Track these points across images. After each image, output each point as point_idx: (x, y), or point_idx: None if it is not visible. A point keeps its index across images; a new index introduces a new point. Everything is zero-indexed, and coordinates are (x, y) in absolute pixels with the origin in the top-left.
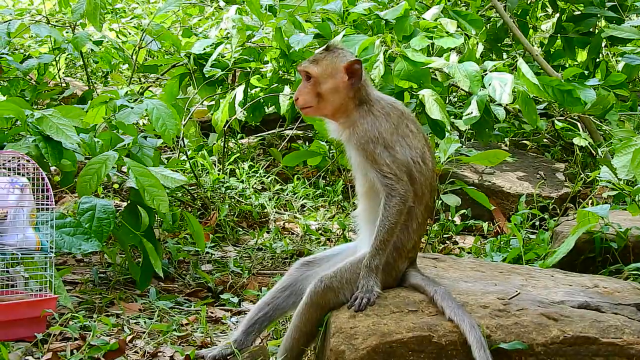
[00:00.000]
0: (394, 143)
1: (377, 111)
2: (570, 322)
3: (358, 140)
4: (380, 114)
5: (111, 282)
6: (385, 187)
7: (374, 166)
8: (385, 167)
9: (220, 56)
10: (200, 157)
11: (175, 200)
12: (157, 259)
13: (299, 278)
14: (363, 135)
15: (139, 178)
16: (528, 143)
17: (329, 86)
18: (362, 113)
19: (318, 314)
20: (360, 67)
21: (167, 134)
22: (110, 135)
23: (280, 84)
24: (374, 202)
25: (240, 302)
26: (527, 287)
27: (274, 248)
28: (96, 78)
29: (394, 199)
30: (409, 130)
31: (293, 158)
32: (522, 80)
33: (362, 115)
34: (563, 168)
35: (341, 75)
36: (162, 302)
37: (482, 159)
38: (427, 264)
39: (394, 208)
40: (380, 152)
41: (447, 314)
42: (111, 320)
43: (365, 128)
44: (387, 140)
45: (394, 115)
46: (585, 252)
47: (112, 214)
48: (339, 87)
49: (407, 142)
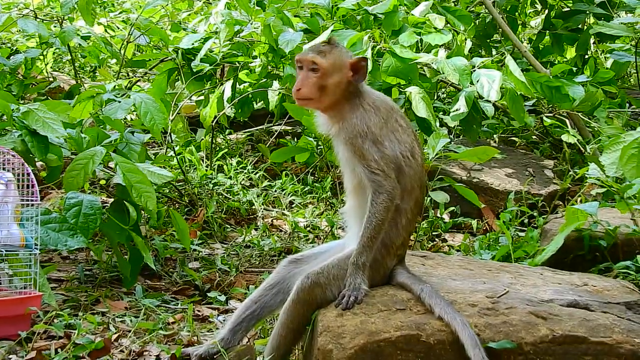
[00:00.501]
0: (383, 138)
1: (367, 105)
2: (560, 321)
3: (347, 135)
4: (369, 108)
5: (97, 279)
6: (372, 183)
7: (361, 162)
8: (373, 162)
9: (209, 51)
10: (187, 153)
11: (162, 197)
12: (147, 252)
13: (286, 276)
14: (352, 130)
15: (127, 174)
16: (517, 140)
17: (334, 80)
18: (352, 107)
19: (305, 311)
20: (366, 65)
21: (156, 128)
22: (97, 130)
23: (269, 79)
24: (362, 198)
25: (228, 300)
26: (515, 286)
27: (261, 245)
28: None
29: (382, 196)
30: (398, 125)
31: (281, 154)
32: (510, 77)
33: (352, 109)
34: (552, 165)
35: (346, 71)
36: (148, 300)
37: (471, 156)
38: (416, 261)
39: (381, 205)
40: (369, 148)
41: (437, 312)
42: (96, 319)
43: (354, 122)
44: (376, 134)
45: (383, 109)
46: (574, 250)
47: (98, 210)
48: (342, 82)
49: (396, 137)
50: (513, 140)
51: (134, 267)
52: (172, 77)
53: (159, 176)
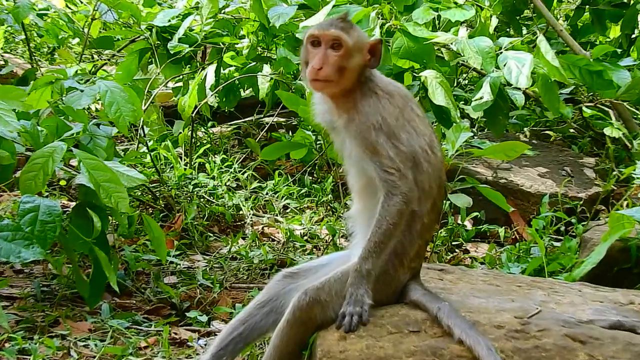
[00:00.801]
0: (399, 130)
1: (380, 90)
2: (601, 346)
3: (358, 127)
4: (383, 95)
5: (56, 297)
6: (385, 183)
7: (373, 159)
8: (387, 160)
9: (188, 29)
10: (163, 149)
11: (133, 200)
12: (111, 271)
13: (280, 292)
14: (364, 121)
15: (93, 173)
16: (551, 134)
17: (355, 62)
18: (364, 94)
19: (302, 333)
20: (382, 49)
21: (122, 121)
22: (56, 122)
23: (259, 63)
24: (371, 200)
25: (210, 321)
26: (549, 304)
27: (250, 257)
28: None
29: (395, 198)
30: (414, 114)
31: (273, 150)
32: (542, 61)
33: (364, 97)
34: (593, 163)
35: (365, 53)
36: (116, 320)
37: (498, 152)
38: (432, 276)
39: (394, 207)
40: (383, 142)
41: (457, 335)
42: (55, 343)
43: (367, 111)
44: (392, 126)
45: (397, 96)
46: (619, 263)
47: (58, 217)
48: (360, 65)
49: (413, 127)
50: (547, 135)
51: (99, 283)
52: (144, 60)
53: (128, 178)
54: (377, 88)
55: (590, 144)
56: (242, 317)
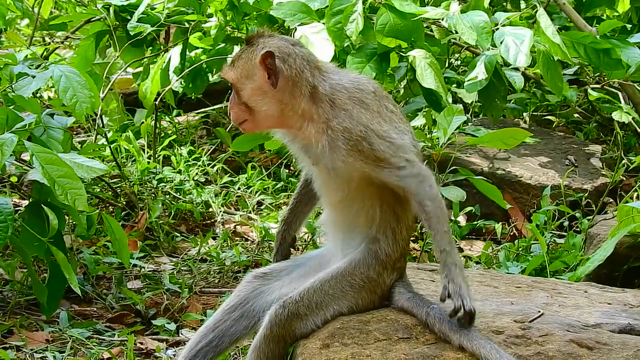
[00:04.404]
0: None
1: (347, 100)
2: (609, 351)
3: (345, 145)
4: (353, 104)
5: (9, 304)
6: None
7: (379, 165)
8: (393, 158)
9: (150, 8)
10: (124, 141)
11: (92, 197)
12: (70, 272)
13: (251, 295)
14: (348, 138)
15: (47, 168)
16: (554, 119)
17: (249, 92)
18: (327, 109)
19: (281, 349)
20: (274, 61)
21: (79, 108)
22: (6, 112)
23: (229, 44)
24: (348, 211)
25: (179, 330)
26: (552, 307)
27: (221, 259)
28: None
29: (423, 186)
30: (390, 112)
31: (246, 141)
32: (543, 37)
33: (330, 112)
34: (599, 151)
35: (260, 74)
36: (76, 330)
37: (495, 140)
38: (423, 277)
39: (430, 193)
40: (379, 145)
41: (456, 341)
42: (10, 355)
43: (345, 127)
44: (378, 130)
45: (367, 99)
46: (629, 261)
47: (9, 216)
48: (263, 88)
49: (395, 126)
50: (549, 120)
51: (56, 288)
52: (102, 43)
53: (89, 169)
54: (341, 100)
55: (596, 130)
56: (211, 324)
